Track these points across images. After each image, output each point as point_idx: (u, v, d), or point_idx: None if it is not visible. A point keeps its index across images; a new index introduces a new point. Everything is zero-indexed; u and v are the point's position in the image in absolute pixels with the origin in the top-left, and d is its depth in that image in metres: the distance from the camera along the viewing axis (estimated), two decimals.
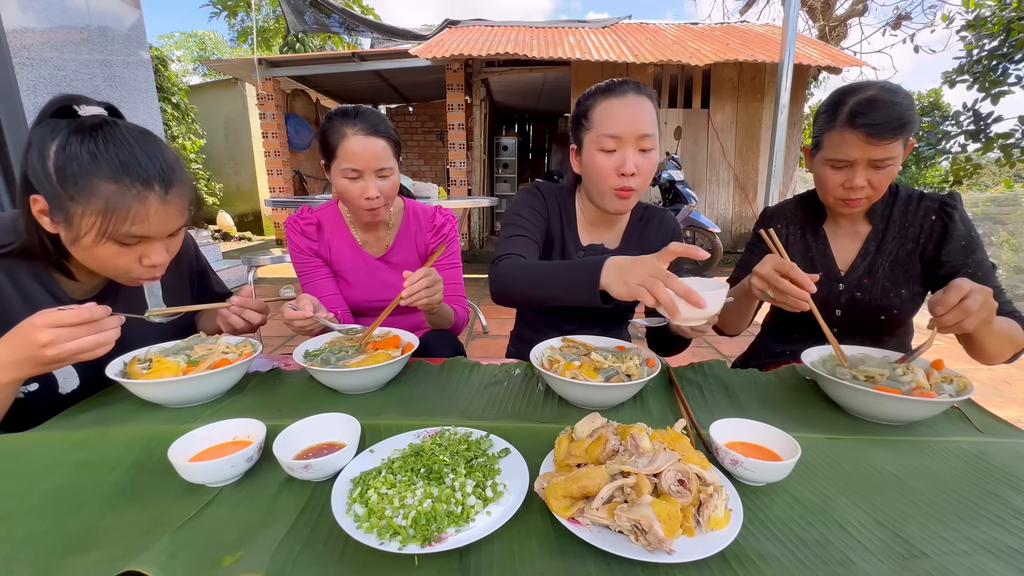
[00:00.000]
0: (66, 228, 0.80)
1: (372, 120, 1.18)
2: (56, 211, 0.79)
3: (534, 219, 1.20)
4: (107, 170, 0.77)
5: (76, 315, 0.72)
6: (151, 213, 0.81)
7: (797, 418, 0.84)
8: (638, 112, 1.05)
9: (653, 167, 1.09)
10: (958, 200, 1.10)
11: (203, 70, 17.55)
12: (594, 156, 1.08)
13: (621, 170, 1.05)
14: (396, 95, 8.88)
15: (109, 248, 0.81)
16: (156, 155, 0.82)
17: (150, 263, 0.85)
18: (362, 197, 1.20)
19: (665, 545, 0.49)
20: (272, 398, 0.93)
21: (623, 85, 1.07)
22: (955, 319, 0.81)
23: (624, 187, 1.07)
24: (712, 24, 7.78)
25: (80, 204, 0.77)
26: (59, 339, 0.72)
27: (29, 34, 2.41)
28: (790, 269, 0.89)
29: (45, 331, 0.71)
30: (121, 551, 0.53)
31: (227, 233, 9.06)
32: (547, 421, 0.83)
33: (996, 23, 4.15)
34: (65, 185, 0.76)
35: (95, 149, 0.77)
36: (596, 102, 1.08)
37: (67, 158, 0.76)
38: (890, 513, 0.61)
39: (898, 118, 0.96)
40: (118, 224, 0.78)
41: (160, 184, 0.81)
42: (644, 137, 1.05)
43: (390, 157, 1.21)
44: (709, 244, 5.39)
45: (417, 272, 1.03)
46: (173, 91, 7.74)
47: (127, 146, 0.79)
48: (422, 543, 0.52)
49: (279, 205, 4.87)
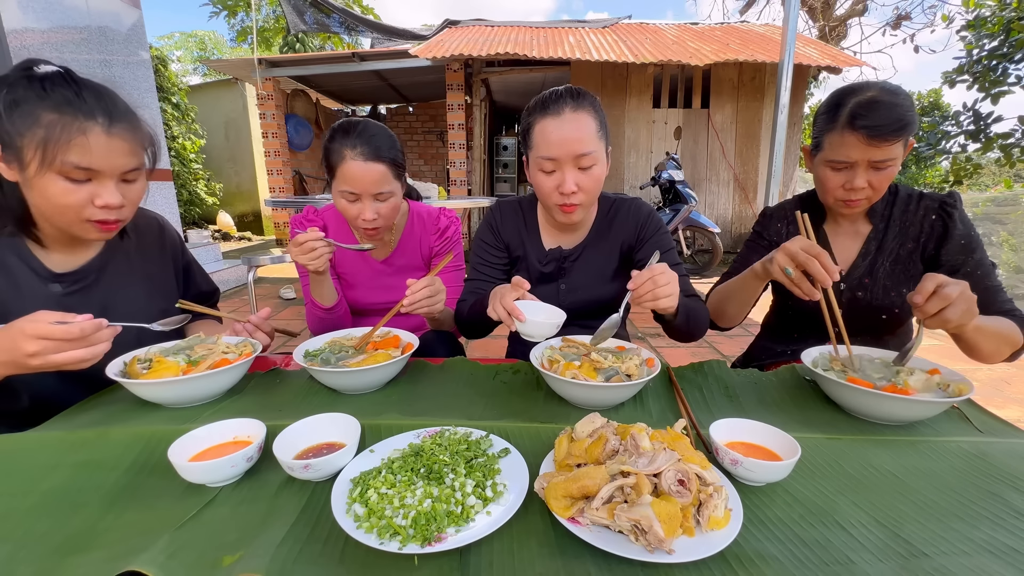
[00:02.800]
0: (19, 167, 0.83)
1: (373, 143, 1.16)
2: (8, 151, 0.82)
3: (487, 255, 1.28)
4: (50, 103, 0.81)
5: (66, 332, 0.73)
6: (93, 144, 0.82)
7: (797, 418, 0.84)
8: (574, 131, 1.02)
9: (597, 181, 1.07)
10: (957, 200, 1.10)
11: (203, 70, 17.56)
12: (536, 175, 1.09)
13: (561, 189, 1.05)
14: (396, 95, 8.88)
15: (57, 183, 0.83)
16: (104, 96, 0.86)
17: (102, 203, 0.86)
18: (359, 219, 1.19)
19: (665, 545, 0.49)
20: (272, 398, 0.93)
21: (559, 101, 1.03)
22: (936, 306, 0.81)
23: (566, 203, 1.07)
24: (712, 24, 7.77)
25: (24, 136, 0.80)
26: (46, 351, 0.73)
27: (29, 34, 2.41)
28: (820, 253, 0.88)
29: (34, 342, 0.73)
30: (121, 551, 0.53)
31: (227, 233, 9.06)
32: (547, 421, 0.83)
33: (996, 23, 4.14)
34: (12, 119, 0.80)
35: (41, 90, 0.82)
36: (534, 121, 1.06)
37: (16, 97, 0.81)
38: (890, 513, 0.61)
39: (898, 119, 0.96)
40: (59, 151, 0.80)
41: (103, 116, 0.84)
42: (581, 156, 1.03)
43: (390, 181, 1.18)
44: (709, 244, 5.39)
45: (420, 281, 1.03)
46: (173, 91, 7.74)
47: (73, 87, 0.83)
48: (422, 543, 0.52)
49: (279, 205, 4.87)
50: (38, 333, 0.72)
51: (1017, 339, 0.98)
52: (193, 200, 8.42)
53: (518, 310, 0.89)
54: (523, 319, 0.88)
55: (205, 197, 8.62)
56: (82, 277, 0.99)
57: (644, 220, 1.22)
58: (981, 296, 0.86)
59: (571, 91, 1.05)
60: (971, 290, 0.83)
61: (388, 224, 1.25)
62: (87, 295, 0.99)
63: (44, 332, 0.73)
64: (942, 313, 0.82)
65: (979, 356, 1.00)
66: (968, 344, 0.97)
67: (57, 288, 0.96)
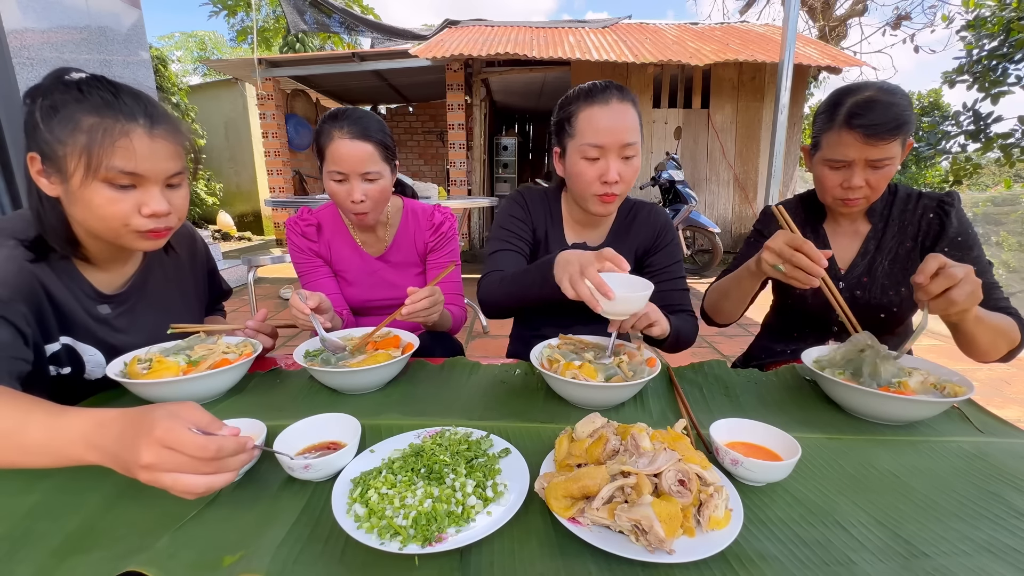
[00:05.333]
0: (60, 180, 0.80)
1: (360, 124, 1.17)
2: (49, 163, 0.79)
3: (516, 228, 1.23)
4: (89, 107, 0.78)
5: (200, 448, 0.53)
6: (137, 146, 0.79)
7: (797, 418, 0.84)
8: (621, 120, 1.04)
9: (636, 173, 1.09)
10: (956, 199, 1.10)
11: (203, 70, 17.55)
12: (577, 163, 1.09)
13: (604, 178, 1.06)
14: (396, 95, 8.88)
15: (102, 192, 0.79)
16: (141, 98, 0.83)
17: (150, 211, 0.82)
18: (348, 200, 1.20)
19: (665, 545, 0.49)
20: (272, 398, 0.93)
21: (606, 91, 1.05)
22: (941, 285, 0.80)
23: (607, 193, 1.08)
24: (712, 24, 7.77)
25: (66, 144, 0.77)
26: (161, 465, 0.52)
27: (29, 34, 2.41)
28: (803, 243, 0.89)
29: (155, 449, 0.52)
30: (121, 551, 0.53)
31: (227, 233, 9.06)
32: (547, 421, 0.83)
33: (996, 23, 4.15)
34: (51, 128, 0.77)
35: (79, 95, 0.78)
36: (579, 109, 1.07)
37: (53, 103, 0.78)
38: (890, 513, 0.61)
39: (895, 119, 0.96)
40: (104, 156, 0.77)
41: (145, 118, 0.81)
42: (627, 146, 1.05)
43: (377, 161, 1.19)
44: (709, 244, 5.39)
45: (422, 291, 1.03)
46: (173, 91, 7.74)
47: (111, 89, 0.80)
48: (422, 543, 0.52)
49: (279, 205, 4.87)
50: (166, 441, 0.52)
51: (1015, 336, 0.98)
52: (193, 200, 8.41)
53: (606, 285, 0.77)
54: (612, 296, 0.76)
55: (205, 197, 8.62)
56: (128, 297, 0.98)
57: (661, 228, 1.24)
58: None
59: (615, 84, 1.08)
60: None
61: (377, 208, 1.25)
62: (135, 315, 0.99)
63: (173, 441, 0.52)
64: (948, 294, 0.80)
65: (976, 351, 0.99)
66: (967, 337, 0.96)
67: (107, 309, 0.94)
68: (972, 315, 0.86)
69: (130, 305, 0.98)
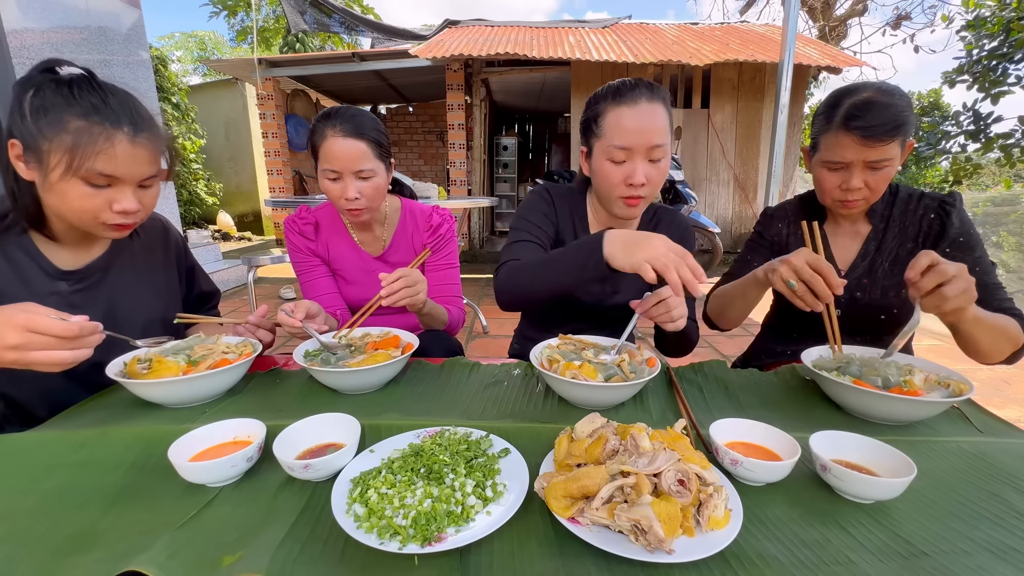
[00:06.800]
0: (38, 169, 0.82)
1: (353, 122, 1.17)
2: (29, 152, 0.82)
3: (541, 223, 1.20)
4: (77, 109, 0.81)
5: (66, 329, 0.68)
6: (119, 152, 0.82)
7: (797, 418, 0.84)
8: (649, 122, 1.01)
9: (663, 175, 1.07)
10: (957, 199, 1.10)
11: (203, 70, 17.56)
12: (603, 164, 1.06)
13: (630, 180, 1.03)
14: (396, 95, 8.88)
15: (78, 188, 0.82)
16: (128, 103, 0.86)
17: (120, 208, 0.86)
18: (342, 198, 1.20)
19: (665, 545, 0.49)
20: (272, 398, 0.93)
21: (635, 90, 1.02)
22: (933, 281, 0.80)
23: (633, 196, 1.06)
24: (712, 24, 7.77)
25: (51, 141, 0.80)
26: (29, 346, 0.67)
27: (29, 34, 2.41)
28: (824, 267, 0.87)
29: (21, 334, 0.66)
30: (121, 551, 0.53)
31: (227, 233, 9.06)
32: (547, 421, 0.83)
33: (996, 23, 4.15)
34: (39, 124, 0.80)
35: (68, 94, 0.81)
36: (607, 108, 1.04)
37: (42, 101, 0.80)
38: (890, 513, 0.61)
39: (893, 120, 0.95)
40: (85, 159, 0.80)
41: (129, 126, 0.84)
42: (655, 148, 1.02)
43: (371, 159, 1.19)
44: (709, 244, 5.39)
45: (392, 274, 1.04)
46: (173, 91, 7.74)
47: (100, 93, 0.83)
48: (422, 543, 0.52)
49: (279, 205, 4.86)
50: (30, 325, 0.66)
51: (1018, 337, 0.97)
52: (193, 200, 8.42)
53: (704, 276, 0.78)
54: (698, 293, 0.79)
55: (205, 197, 8.62)
56: (88, 275, 0.99)
57: (682, 234, 1.23)
58: (980, 293, 0.86)
59: (645, 82, 1.04)
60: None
61: (372, 206, 1.24)
62: (93, 293, 0.99)
63: (38, 325, 0.66)
64: (940, 290, 0.80)
65: (978, 352, 0.99)
66: (966, 338, 0.96)
67: (64, 286, 0.96)
68: (969, 315, 0.86)
69: (91, 284, 1.00)
